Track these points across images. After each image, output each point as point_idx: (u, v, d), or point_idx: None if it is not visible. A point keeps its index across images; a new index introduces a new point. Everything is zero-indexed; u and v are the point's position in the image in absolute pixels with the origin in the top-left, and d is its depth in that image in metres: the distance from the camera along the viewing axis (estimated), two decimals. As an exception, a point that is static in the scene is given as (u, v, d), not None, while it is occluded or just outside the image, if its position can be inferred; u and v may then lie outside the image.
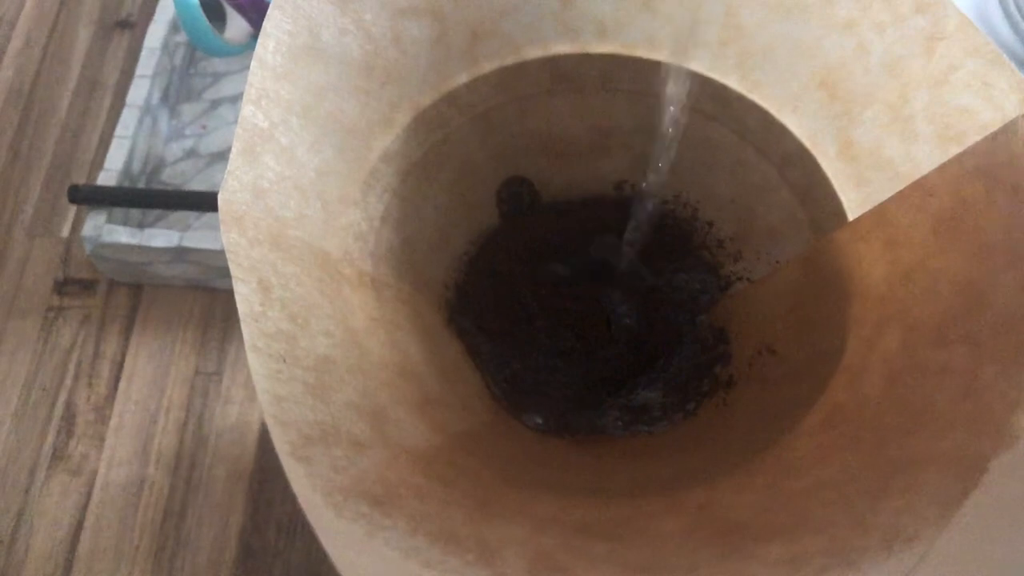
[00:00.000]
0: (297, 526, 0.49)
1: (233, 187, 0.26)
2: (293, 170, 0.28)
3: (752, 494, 0.25)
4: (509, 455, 0.29)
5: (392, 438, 0.25)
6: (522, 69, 0.33)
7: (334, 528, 0.20)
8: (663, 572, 0.21)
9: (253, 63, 0.27)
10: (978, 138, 0.27)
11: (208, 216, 0.56)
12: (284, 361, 0.23)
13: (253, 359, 0.23)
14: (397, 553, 0.20)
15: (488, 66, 0.32)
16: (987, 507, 0.20)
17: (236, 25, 0.55)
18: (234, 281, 0.24)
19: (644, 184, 0.35)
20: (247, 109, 0.27)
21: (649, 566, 0.21)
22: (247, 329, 0.23)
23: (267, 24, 0.28)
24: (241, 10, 0.49)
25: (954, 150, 0.27)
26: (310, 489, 0.20)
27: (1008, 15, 0.56)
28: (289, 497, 0.50)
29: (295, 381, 0.23)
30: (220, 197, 0.25)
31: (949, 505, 0.20)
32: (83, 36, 0.65)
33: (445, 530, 0.22)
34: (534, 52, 0.33)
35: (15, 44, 0.64)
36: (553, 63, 0.33)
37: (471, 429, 0.29)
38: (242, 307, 0.24)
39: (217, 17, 0.55)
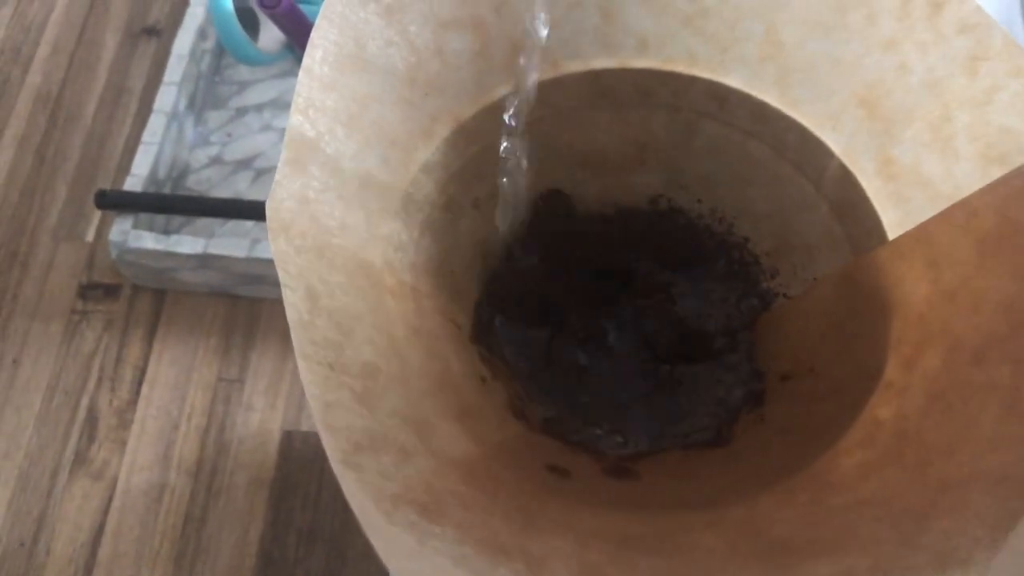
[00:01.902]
0: (317, 535, 0.49)
1: (281, 196, 0.26)
2: (337, 180, 0.28)
3: (794, 510, 0.25)
4: (546, 468, 0.29)
5: (435, 446, 0.25)
6: (562, 83, 0.33)
7: (387, 535, 0.20)
8: (710, 587, 0.21)
9: (301, 73, 0.28)
10: (1022, 159, 0.27)
11: (232, 223, 0.56)
12: (332, 368, 0.24)
13: (303, 366, 0.23)
14: (448, 561, 0.20)
15: (528, 79, 0.33)
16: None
17: (270, 34, 0.55)
18: (283, 288, 0.24)
19: (679, 199, 0.36)
20: (295, 119, 0.27)
21: (695, 581, 0.21)
22: (296, 336, 0.23)
23: (314, 34, 0.28)
24: (275, 19, 0.50)
25: (996, 170, 0.27)
26: (361, 496, 0.20)
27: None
28: (309, 505, 0.50)
29: (343, 388, 0.23)
30: (268, 206, 0.26)
31: (999, 527, 0.20)
32: (110, 43, 0.65)
33: (491, 540, 0.22)
34: (574, 66, 0.33)
35: (43, 50, 0.65)
36: (593, 77, 0.33)
37: (507, 441, 0.29)
38: (291, 314, 0.24)
39: (251, 26, 0.55)
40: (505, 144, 0.33)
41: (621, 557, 0.22)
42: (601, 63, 0.33)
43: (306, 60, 0.28)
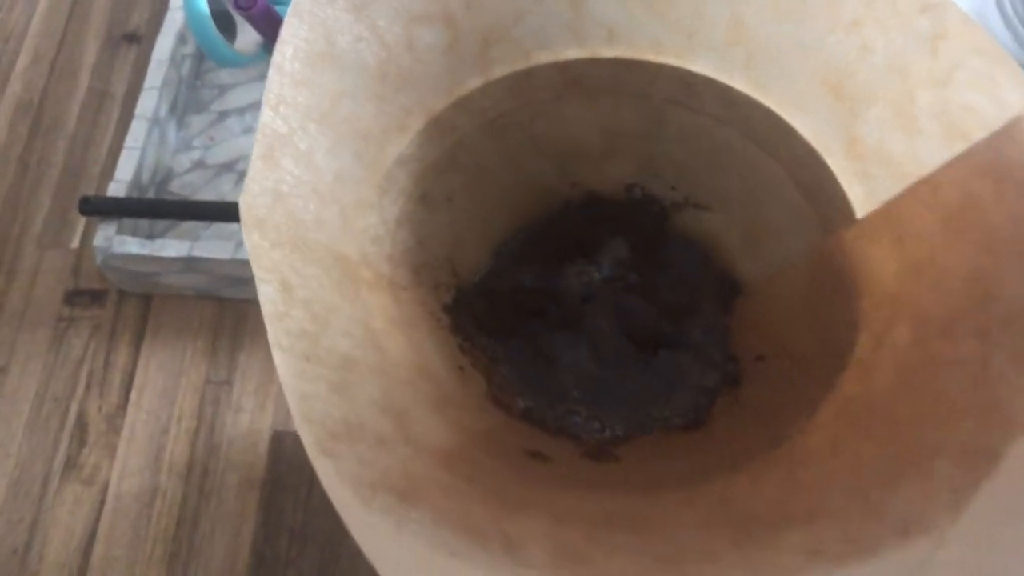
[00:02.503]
0: (308, 534, 0.49)
1: (254, 191, 0.26)
2: (311, 174, 0.28)
3: (768, 486, 0.25)
4: (526, 454, 0.29)
5: (414, 436, 0.25)
6: (533, 74, 0.33)
7: (364, 521, 0.20)
8: (682, 561, 0.21)
9: (271, 70, 0.28)
10: (983, 135, 0.27)
11: (217, 226, 0.56)
12: (308, 360, 0.24)
13: (278, 357, 0.23)
14: (425, 544, 0.20)
15: (499, 71, 0.33)
16: (1001, 493, 0.20)
17: (246, 35, 0.55)
18: (257, 282, 0.24)
19: (653, 187, 0.36)
20: (266, 115, 0.27)
21: (668, 555, 0.22)
22: (271, 328, 0.24)
23: (284, 31, 0.28)
24: (251, 20, 0.50)
25: (959, 147, 0.28)
26: (339, 484, 0.21)
27: (1006, 19, 0.57)
28: (301, 505, 0.50)
29: (319, 380, 0.24)
30: (241, 200, 0.26)
31: (963, 492, 0.20)
32: (91, 50, 0.65)
33: (470, 523, 0.22)
34: (544, 57, 0.33)
35: (23, 59, 0.65)
36: (563, 68, 0.33)
37: (487, 429, 0.29)
38: (265, 307, 0.24)
39: (227, 27, 0.55)
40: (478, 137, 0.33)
41: (597, 535, 0.23)
42: (571, 54, 0.33)
43: (276, 57, 0.28)
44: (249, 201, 0.26)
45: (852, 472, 0.24)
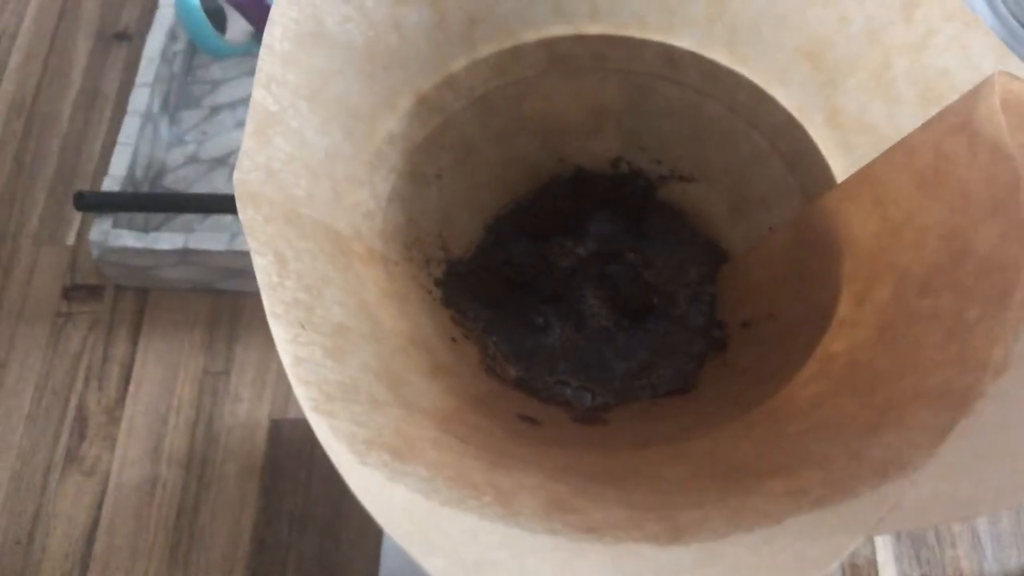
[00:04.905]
0: (309, 519, 0.50)
1: (247, 166, 0.27)
2: (303, 151, 0.29)
3: (752, 440, 0.26)
4: (518, 418, 0.30)
5: (408, 398, 0.26)
6: (519, 52, 0.34)
7: (359, 473, 0.21)
8: (669, 510, 0.22)
9: (262, 50, 0.28)
10: (957, 98, 0.28)
11: (212, 219, 0.57)
12: (303, 327, 0.24)
13: (273, 324, 0.24)
14: (419, 495, 0.21)
15: (486, 50, 0.34)
16: (974, 432, 0.21)
17: (237, 25, 0.56)
18: (252, 254, 0.25)
19: (639, 161, 0.37)
20: (258, 93, 0.28)
21: (656, 506, 0.22)
22: (266, 297, 0.24)
23: (274, 12, 0.29)
24: (241, 10, 0.50)
25: (935, 111, 0.28)
26: (334, 439, 0.21)
27: (993, 8, 0.58)
28: (300, 490, 0.51)
29: (314, 345, 0.24)
30: (235, 176, 0.27)
31: (939, 433, 0.21)
32: (82, 48, 0.66)
33: (462, 476, 0.23)
34: (530, 35, 0.34)
35: (15, 58, 0.65)
36: (548, 45, 0.34)
37: (481, 394, 0.30)
38: (261, 277, 0.25)
39: (218, 18, 0.56)
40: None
41: (588, 489, 0.23)
42: (556, 31, 0.34)
43: (266, 37, 0.29)
44: (243, 177, 0.27)
45: (834, 423, 0.24)
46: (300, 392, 0.22)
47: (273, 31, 0.29)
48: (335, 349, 0.25)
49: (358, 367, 0.25)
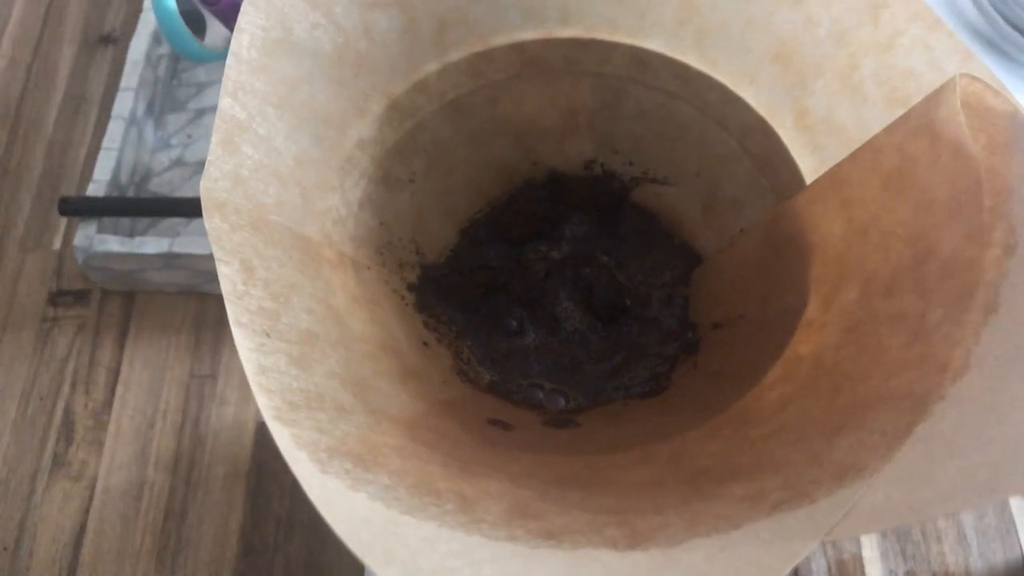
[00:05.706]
0: (295, 521, 0.50)
1: (214, 175, 0.27)
2: (271, 158, 0.29)
3: (717, 443, 0.26)
4: (488, 423, 0.30)
5: (374, 405, 0.26)
6: (490, 55, 0.34)
7: (318, 481, 0.21)
8: (631, 514, 0.22)
9: (229, 58, 0.28)
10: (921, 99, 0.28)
11: (197, 222, 0.57)
12: (268, 335, 0.25)
13: (237, 333, 0.24)
14: (379, 503, 0.21)
15: (457, 54, 0.34)
16: (932, 437, 0.21)
17: (216, 31, 0.56)
18: (217, 263, 0.25)
19: (612, 163, 0.37)
20: (224, 101, 0.28)
21: (618, 509, 0.23)
22: (231, 307, 0.24)
23: (241, 20, 0.29)
24: (220, 15, 0.50)
25: (901, 112, 0.29)
26: (295, 448, 0.21)
27: (978, 3, 0.57)
28: (287, 493, 0.51)
29: (279, 353, 0.24)
30: (202, 185, 0.27)
31: (897, 437, 0.21)
32: (67, 53, 0.66)
33: (425, 484, 0.23)
34: (501, 39, 0.34)
35: None
36: (520, 48, 0.34)
37: (450, 399, 0.30)
38: (225, 287, 0.25)
39: (197, 24, 0.56)
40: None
41: (550, 493, 0.24)
42: (527, 35, 0.34)
43: (233, 45, 0.29)
44: (209, 186, 0.27)
45: (798, 426, 0.25)
46: (262, 401, 0.23)
47: (240, 39, 0.29)
48: (301, 357, 0.25)
49: (324, 374, 0.25)
